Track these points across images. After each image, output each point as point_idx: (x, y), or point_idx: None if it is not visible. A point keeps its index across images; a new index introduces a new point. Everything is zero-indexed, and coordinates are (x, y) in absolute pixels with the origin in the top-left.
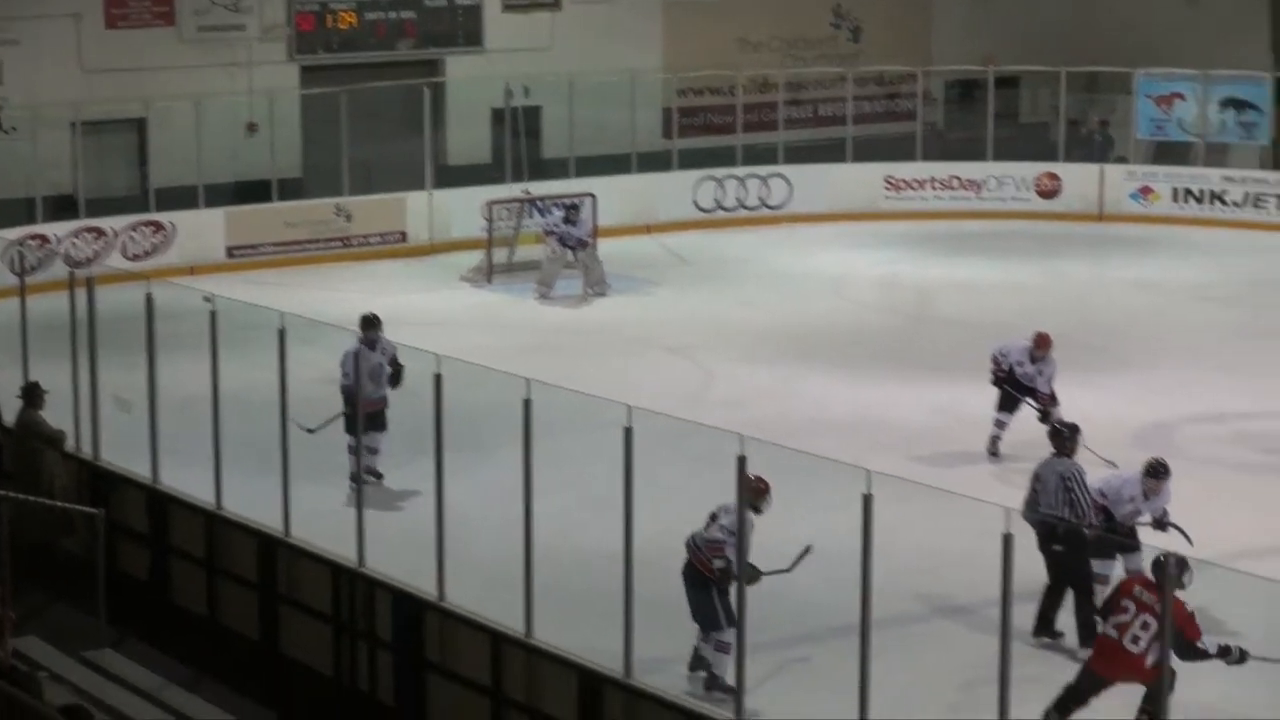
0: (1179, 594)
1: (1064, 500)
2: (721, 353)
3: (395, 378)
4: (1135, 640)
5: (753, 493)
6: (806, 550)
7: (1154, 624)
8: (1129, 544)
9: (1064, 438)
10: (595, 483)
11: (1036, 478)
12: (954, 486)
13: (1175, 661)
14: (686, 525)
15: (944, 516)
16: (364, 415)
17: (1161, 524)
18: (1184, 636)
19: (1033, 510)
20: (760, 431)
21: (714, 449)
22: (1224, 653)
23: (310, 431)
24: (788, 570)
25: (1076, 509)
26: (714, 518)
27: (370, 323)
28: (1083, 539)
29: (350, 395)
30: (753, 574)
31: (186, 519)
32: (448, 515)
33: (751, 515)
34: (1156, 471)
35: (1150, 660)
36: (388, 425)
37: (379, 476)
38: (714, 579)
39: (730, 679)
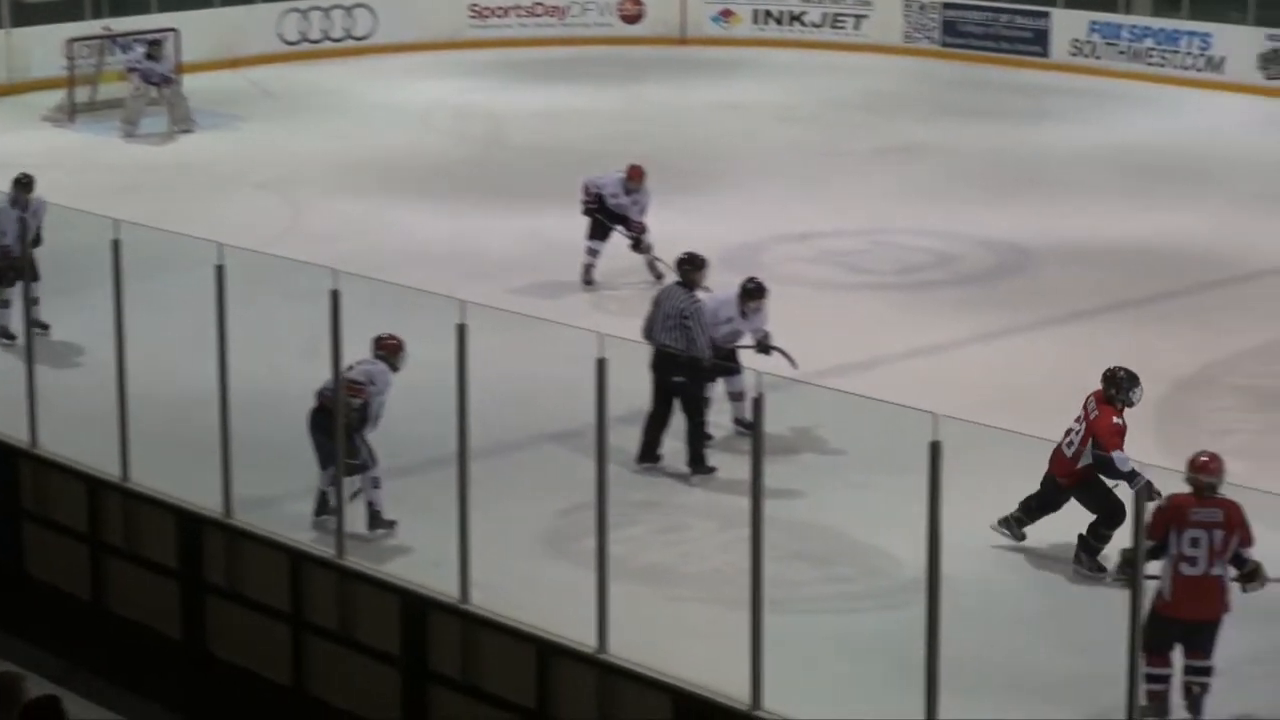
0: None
1: (680, 336)
2: (311, 187)
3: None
4: (1069, 445)
5: (389, 350)
6: None
7: (1082, 430)
8: (730, 367)
9: (689, 268)
10: (189, 323)
11: (656, 303)
12: (550, 315)
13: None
14: (280, 363)
15: (541, 344)
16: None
17: (765, 346)
18: (1102, 445)
19: (652, 335)
20: (353, 265)
21: (308, 284)
22: (1131, 476)
23: None
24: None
25: (693, 345)
26: (350, 367)
27: (23, 184)
28: (701, 370)
29: (5, 251)
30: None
31: None
32: (41, 361)
33: (389, 373)
34: (753, 291)
35: (1078, 466)
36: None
37: (45, 327)
38: (348, 421)
39: (387, 514)
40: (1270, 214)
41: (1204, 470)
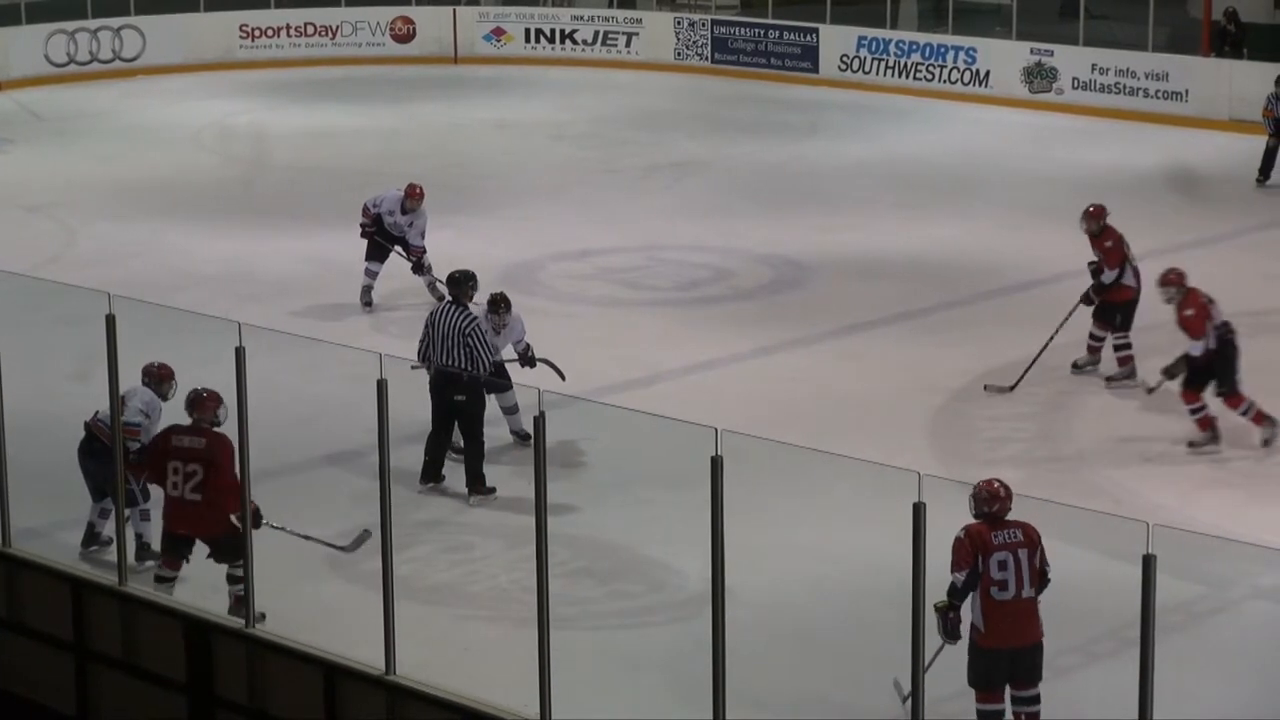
0: None
1: (463, 354)
2: (83, 210)
3: None
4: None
5: (156, 378)
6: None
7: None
8: (500, 383)
9: (459, 286)
10: None
11: (431, 325)
12: (329, 336)
13: None
14: (58, 389)
15: (320, 366)
16: None
17: (528, 359)
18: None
19: (427, 357)
20: (128, 289)
21: (83, 309)
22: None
23: None
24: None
25: (476, 362)
26: (123, 399)
27: None
28: (480, 390)
29: None
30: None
31: None
32: None
33: (160, 402)
34: (497, 305)
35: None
36: None
37: None
38: (127, 462)
39: (156, 545)
40: (1039, 225)
41: (1007, 498)
